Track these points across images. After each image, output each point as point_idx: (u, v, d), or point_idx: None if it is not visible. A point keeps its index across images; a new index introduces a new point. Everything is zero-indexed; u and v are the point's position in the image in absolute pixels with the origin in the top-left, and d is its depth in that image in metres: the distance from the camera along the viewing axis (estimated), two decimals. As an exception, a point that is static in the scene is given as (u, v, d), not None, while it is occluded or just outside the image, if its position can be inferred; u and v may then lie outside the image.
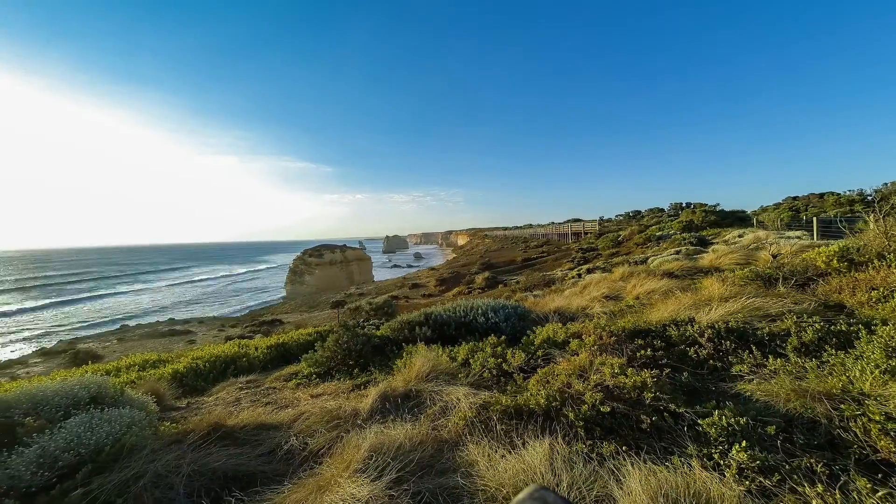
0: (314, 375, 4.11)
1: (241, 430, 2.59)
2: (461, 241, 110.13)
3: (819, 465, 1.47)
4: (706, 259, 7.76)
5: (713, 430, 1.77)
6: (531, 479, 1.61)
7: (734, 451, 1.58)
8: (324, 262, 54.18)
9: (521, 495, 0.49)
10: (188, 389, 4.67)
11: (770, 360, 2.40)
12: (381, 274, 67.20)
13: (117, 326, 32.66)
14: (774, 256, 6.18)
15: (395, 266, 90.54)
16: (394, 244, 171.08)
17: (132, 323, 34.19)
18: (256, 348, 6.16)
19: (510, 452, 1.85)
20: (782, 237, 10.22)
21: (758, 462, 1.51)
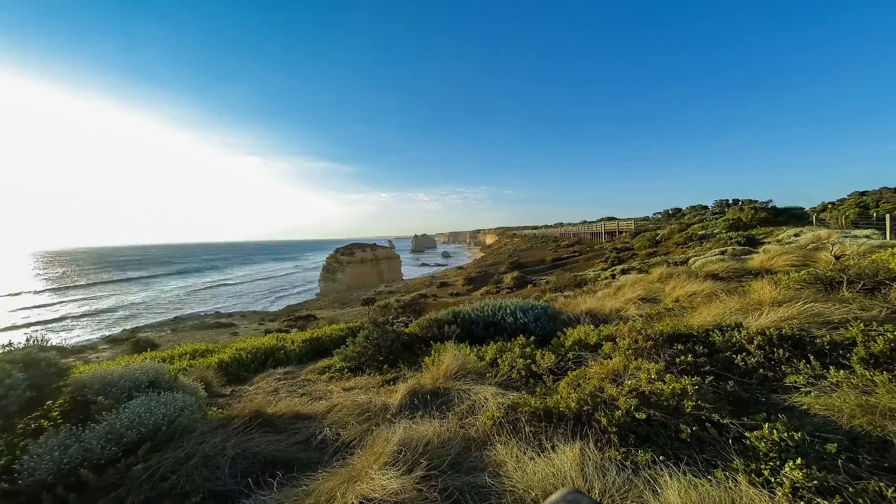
0: (346, 369, 4.26)
1: (279, 419, 2.74)
2: (489, 240, 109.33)
3: (890, 490, 1.33)
4: (756, 260, 7.17)
5: (763, 444, 1.64)
6: (561, 483, 1.58)
7: (787, 469, 1.45)
8: (355, 260, 55.83)
9: (554, 497, 0.49)
10: (232, 378, 5.00)
11: (831, 371, 2.19)
12: (409, 272, 68.22)
13: (172, 317, 35.59)
14: (838, 258, 5.60)
15: (424, 265, 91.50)
16: (422, 243, 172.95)
17: (185, 313, 37.22)
18: (293, 342, 6.47)
19: (539, 455, 1.82)
20: (847, 236, 9.23)
21: (815, 482, 1.39)
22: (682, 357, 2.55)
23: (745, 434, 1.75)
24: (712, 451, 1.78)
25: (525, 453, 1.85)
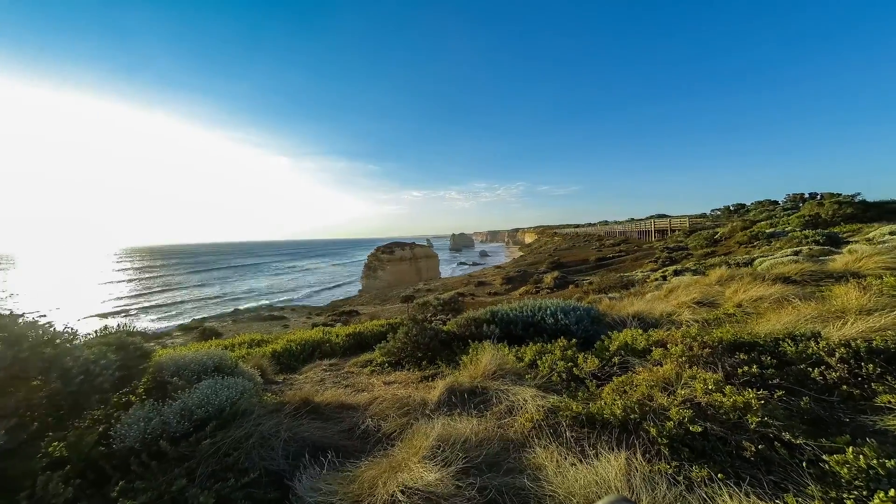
0: (386, 364, 4.41)
1: (325, 407, 2.91)
2: (528, 238, 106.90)
3: None
4: (839, 262, 6.31)
5: (846, 470, 1.45)
6: (605, 491, 1.52)
7: (877, 500, 1.27)
8: (394, 258, 57.37)
9: (600, 503, 0.48)
10: (284, 367, 5.38)
11: (937, 392, 1.87)
12: (447, 271, 68.78)
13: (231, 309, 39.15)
14: (948, 260, 4.75)
15: (462, 263, 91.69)
16: (460, 242, 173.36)
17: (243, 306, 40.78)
18: (337, 335, 6.81)
19: (581, 462, 1.76)
20: (962, 235, 7.79)
21: (914, 519, 1.20)
22: (746, 367, 2.32)
23: (823, 457, 1.56)
24: (781, 474, 1.60)
25: (566, 459, 1.79)
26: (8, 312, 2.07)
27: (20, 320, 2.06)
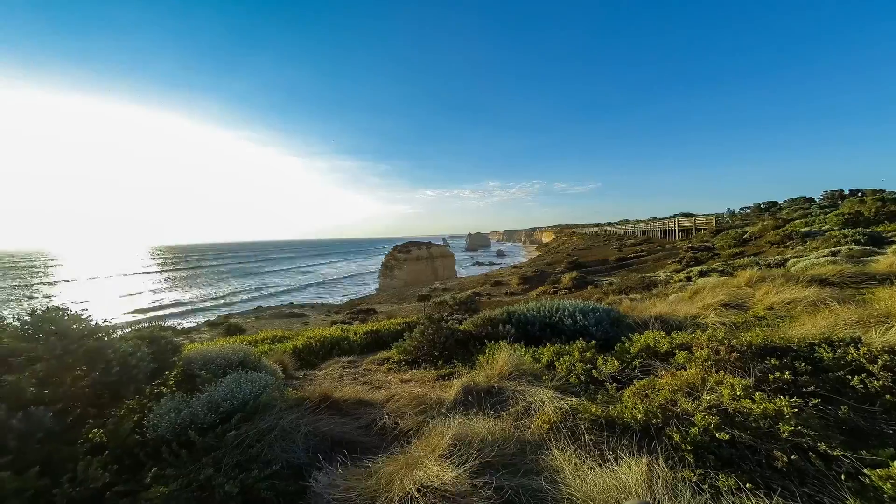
0: (403, 362, 4.45)
1: (344, 403, 2.96)
2: (546, 238, 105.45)
3: None
4: (883, 263, 5.91)
5: (889, 485, 1.36)
6: (625, 497, 1.48)
7: (924, 519, 1.19)
8: (411, 257, 57.77)
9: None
10: (304, 363, 5.52)
11: None
12: (464, 271, 68.69)
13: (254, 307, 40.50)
14: None
15: (478, 263, 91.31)
16: (476, 241, 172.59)
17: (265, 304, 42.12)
18: (355, 333, 6.93)
19: (600, 466, 1.73)
20: None
21: (967, 540, 1.11)
22: (777, 374, 2.21)
23: (864, 471, 1.47)
24: (816, 486, 1.52)
25: (584, 462, 1.76)
26: (55, 306, 2.22)
27: (66, 314, 2.21)
